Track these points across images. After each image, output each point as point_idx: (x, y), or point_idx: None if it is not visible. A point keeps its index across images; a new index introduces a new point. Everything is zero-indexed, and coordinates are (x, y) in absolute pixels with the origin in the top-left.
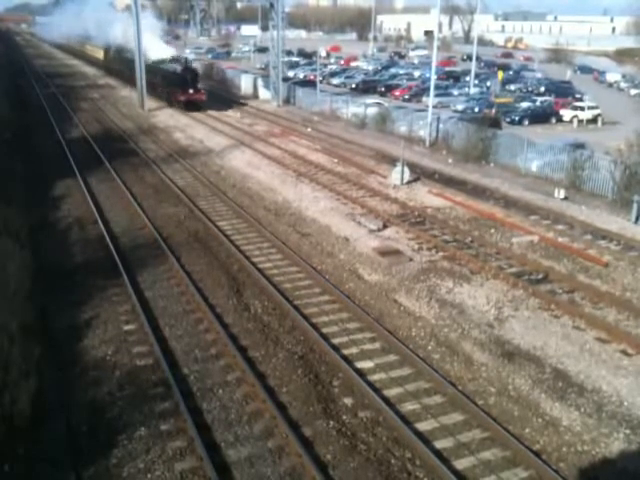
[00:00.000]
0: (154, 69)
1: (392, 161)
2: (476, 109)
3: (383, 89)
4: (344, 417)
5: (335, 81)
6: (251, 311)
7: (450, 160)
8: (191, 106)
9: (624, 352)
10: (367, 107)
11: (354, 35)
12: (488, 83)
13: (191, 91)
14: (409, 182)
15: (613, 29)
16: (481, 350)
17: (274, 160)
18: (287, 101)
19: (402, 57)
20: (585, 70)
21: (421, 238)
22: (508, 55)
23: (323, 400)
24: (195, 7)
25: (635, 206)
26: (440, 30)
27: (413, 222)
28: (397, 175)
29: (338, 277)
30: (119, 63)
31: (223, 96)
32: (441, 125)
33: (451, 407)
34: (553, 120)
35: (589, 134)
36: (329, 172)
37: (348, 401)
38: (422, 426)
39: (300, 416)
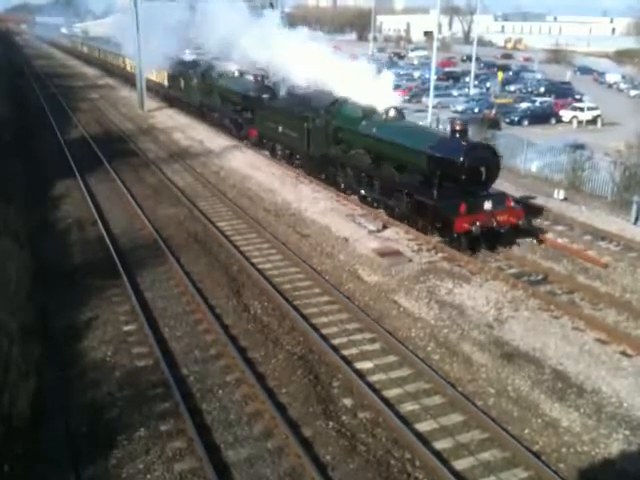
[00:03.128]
0: (363, 141)
1: None
2: (476, 110)
3: None
4: (344, 418)
5: None
6: (251, 312)
7: None
8: (484, 240)
9: (624, 353)
10: None
11: (354, 36)
12: (488, 84)
13: (488, 206)
14: None
15: (613, 30)
16: (481, 351)
17: (274, 160)
18: None
19: (402, 58)
20: (585, 71)
21: (421, 239)
22: (508, 56)
23: (323, 401)
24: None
25: (635, 207)
26: (440, 31)
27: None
28: None
29: (338, 278)
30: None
31: None
32: (441, 126)
33: (450, 408)
34: (553, 121)
35: (589, 135)
36: None
37: (348, 402)
38: (422, 427)
39: (300, 417)
